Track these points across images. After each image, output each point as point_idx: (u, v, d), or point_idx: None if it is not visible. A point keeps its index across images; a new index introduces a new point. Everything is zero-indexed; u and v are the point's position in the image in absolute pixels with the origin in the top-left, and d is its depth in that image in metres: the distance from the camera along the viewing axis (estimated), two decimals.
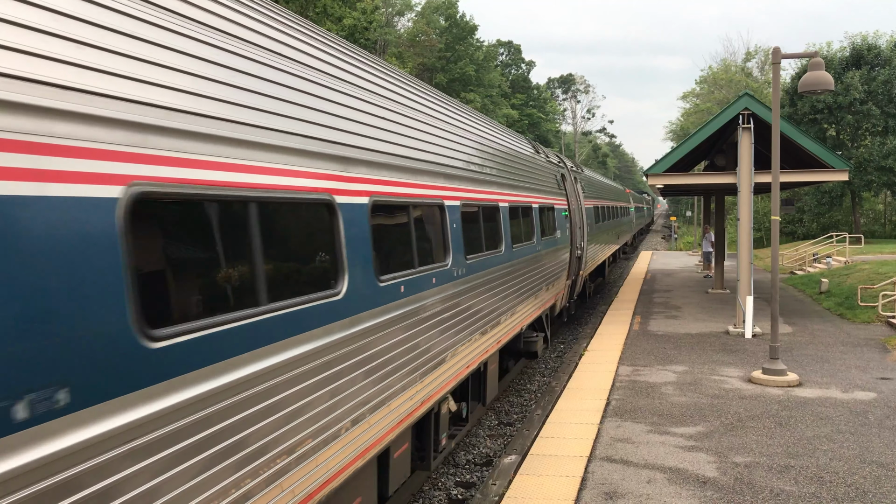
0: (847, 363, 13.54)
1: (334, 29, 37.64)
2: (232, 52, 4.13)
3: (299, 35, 5.26)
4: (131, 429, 2.97)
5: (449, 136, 8.29)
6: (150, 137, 3.25)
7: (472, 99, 60.12)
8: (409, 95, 7.29)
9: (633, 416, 10.32)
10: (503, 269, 10.05)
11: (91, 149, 2.91)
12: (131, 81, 3.20)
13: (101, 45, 3.09)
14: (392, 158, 6.17)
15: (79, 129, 2.86)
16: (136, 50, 3.30)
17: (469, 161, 8.88)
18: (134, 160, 3.12)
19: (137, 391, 3.02)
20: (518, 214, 11.33)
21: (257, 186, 4.02)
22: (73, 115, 2.85)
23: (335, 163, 5.05)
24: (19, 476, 2.48)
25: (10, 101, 2.59)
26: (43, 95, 2.72)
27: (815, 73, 12.25)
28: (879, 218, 53.61)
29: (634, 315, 19.62)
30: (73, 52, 2.92)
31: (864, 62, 44.67)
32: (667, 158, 18.22)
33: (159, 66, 3.43)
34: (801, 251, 33.86)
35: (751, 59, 70.97)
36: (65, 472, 2.66)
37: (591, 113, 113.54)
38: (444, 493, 8.97)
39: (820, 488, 7.63)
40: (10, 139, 2.56)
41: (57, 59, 2.83)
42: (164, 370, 3.16)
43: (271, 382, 4.03)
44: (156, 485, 3.09)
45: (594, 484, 7.82)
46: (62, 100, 2.81)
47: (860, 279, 22.14)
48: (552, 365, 15.94)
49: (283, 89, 4.55)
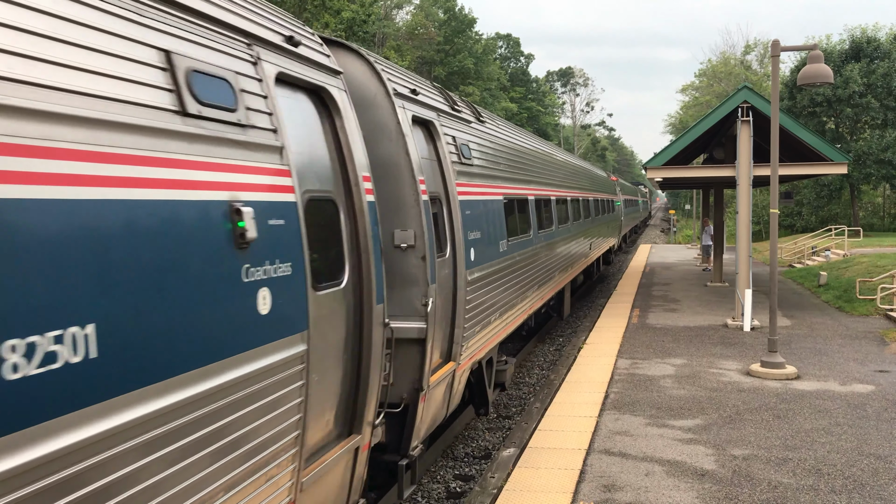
0: (845, 356, 13.56)
1: (333, 22, 37.55)
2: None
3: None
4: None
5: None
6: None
7: (471, 92, 60.00)
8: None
9: (632, 409, 10.33)
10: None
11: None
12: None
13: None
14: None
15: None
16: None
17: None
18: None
19: None
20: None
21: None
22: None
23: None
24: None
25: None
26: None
27: (814, 65, 12.23)
28: (878, 211, 53.68)
29: (633, 308, 19.63)
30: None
31: (864, 55, 44.62)
32: (666, 151, 18.20)
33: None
34: (800, 244, 33.87)
35: (750, 52, 70.88)
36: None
37: (590, 106, 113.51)
38: (442, 486, 8.99)
39: (818, 480, 7.65)
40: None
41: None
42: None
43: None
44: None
45: (593, 476, 7.83)
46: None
47: (859, 272, 22.16)
48: (551, 358, 15.95)
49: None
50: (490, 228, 9.38)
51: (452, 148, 8.22)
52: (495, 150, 10.64)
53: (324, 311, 4.75)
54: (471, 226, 8.41)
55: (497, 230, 9.78)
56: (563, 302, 19.03)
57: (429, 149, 7.67)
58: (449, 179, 7.82)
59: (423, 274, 6.72)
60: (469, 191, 8.57)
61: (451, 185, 7.83)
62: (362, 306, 5.33)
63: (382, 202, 6.53)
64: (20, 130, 2.57)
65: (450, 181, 7.82)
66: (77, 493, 2.73)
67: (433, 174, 7.56)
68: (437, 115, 7.98)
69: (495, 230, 9.69)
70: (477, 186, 9.02)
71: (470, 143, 9.08)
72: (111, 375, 2.87)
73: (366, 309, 5.31)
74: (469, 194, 8.55)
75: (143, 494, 3.05)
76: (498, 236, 9.79)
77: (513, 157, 11.94)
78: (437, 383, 7.16)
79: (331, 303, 4.92)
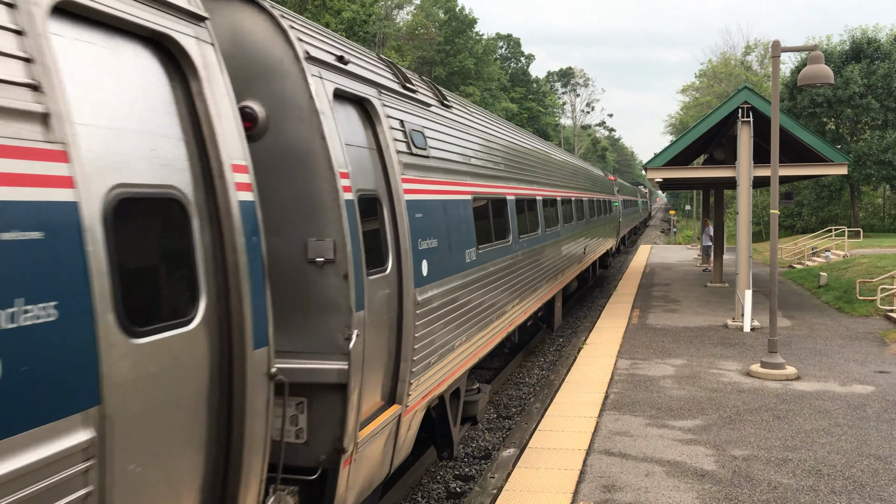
0: (845, 357, 13.56)
1: (333, 22, 37.55)
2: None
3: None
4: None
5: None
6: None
7: (472, 92, 60.04)
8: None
9: (632, 409, 10.33)
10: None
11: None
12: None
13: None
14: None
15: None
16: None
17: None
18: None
19: None
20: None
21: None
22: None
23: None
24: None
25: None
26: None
27: (814, 66, 12.23)
28: (878, 212, 53.68)
29: (633, 308, 19.63)
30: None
31: (864, 56, 44.61)
32: (666, 152, 18.21)
33: None
34: (800, 245, 33.87)
35: (750, 53, 70.93)
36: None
37: (590, 107, 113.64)
38: (442, 486, 8.99)
39: (818, 481, 7.65)
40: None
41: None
42: None
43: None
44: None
45: (592, 477, 7.83)
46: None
47: (859, 273, 22.16)
48: (551, 358, 15.96)
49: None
50: (452, 235, 7.61)
51: (399, 134, 6.54)
52: (464, 140, 8.85)
53: (151, 368, 3.24)
54: (424, 232, 6.69)
55: (463, 237, 7.99)
56: (554, 312, 16.68)
57: (365, 134, 6.02)
58: (392, 174, 6.17)
59: (346, 298, 5.03)
60: (422, 188, 6.90)
61: (394, 180, 6.18)
62: (231, 351, 3.81)
63: (289, 203, 5.08)
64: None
65: (393, 176, 6.17)
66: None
67: (370, 167, 5.96)
68: (377, 93, 6.23)
69: (460, 237, 7.90)
70: (435, 183, 7.34)
71: (426, 131, 7.37)
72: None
73: (236, 355, 3.81)
74: (422, 192, 6.86)
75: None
76: (464, 244, 8.01)
77: (488, 150, 10.06)
78: (371, 437, 5.53)
79: (165, 354, 3.36)
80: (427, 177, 7.14)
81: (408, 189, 6.43)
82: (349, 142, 5.55)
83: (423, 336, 6.50)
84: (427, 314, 6.57)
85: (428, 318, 6.60)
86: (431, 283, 6.74)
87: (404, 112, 6.87)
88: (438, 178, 7.51)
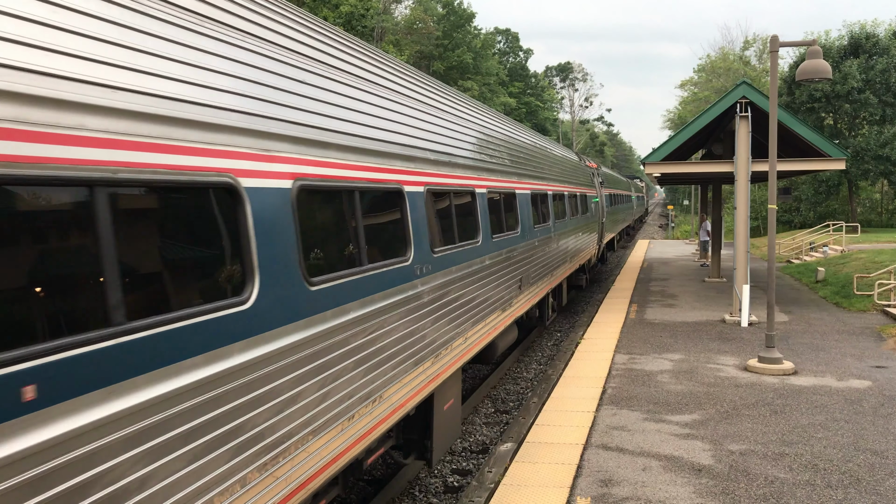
0: (842, 351, 13.58)
1: (331, 16, 37.45)
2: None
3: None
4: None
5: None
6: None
7: (470, 87, 59.93)
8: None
9: (629, 404, 10.35)
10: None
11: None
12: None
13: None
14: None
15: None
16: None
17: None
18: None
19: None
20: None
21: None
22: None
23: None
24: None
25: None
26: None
27: (812, 61, 12.22)
28: (876, 207, 53.69)
29: (631, 303, 19.64)
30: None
31: (863, 51, 44.57)
32: (664, 147, 18.19)
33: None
34: (798, 240, 33.91)
35: (749, 48, 70.90)
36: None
37: (588, 101, 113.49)
38: (440, 481, 9.01)
39: (814, 475, 7.67)
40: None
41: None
42: None
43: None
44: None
45: (590, 471, 7.85)
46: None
47: (856, 268, 22.19)
48: (549, 353, 15.98)
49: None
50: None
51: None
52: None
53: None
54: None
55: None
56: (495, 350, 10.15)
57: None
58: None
59: None
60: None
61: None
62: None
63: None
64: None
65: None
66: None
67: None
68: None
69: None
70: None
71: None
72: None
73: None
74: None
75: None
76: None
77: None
78: None
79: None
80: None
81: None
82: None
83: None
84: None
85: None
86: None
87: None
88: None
